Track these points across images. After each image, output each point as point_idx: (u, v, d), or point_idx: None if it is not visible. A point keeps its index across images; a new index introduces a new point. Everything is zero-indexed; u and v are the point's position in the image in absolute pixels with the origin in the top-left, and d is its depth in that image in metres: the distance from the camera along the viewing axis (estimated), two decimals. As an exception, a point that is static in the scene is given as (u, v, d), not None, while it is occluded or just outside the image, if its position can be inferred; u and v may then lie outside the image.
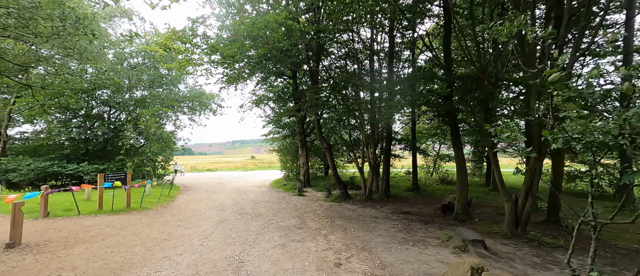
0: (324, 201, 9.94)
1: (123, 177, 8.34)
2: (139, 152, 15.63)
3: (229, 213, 8.05)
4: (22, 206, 4.53)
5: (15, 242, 4.44)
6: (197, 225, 6.53)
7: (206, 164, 47.47)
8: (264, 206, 9.28)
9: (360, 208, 8.48)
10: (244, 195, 12.44)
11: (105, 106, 14.73)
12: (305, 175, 14.89)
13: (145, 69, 15.68)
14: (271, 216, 7.50)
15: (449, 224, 6.14)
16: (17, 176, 11.41)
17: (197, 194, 13.02)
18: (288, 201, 10.21)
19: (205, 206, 9.65)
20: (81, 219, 6.82)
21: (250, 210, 8.48)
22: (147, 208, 8.75)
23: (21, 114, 12.83)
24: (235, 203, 10.18)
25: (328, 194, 11.18)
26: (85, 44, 10.26)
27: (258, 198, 11.33)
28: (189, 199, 11.33)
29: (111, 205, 8.07)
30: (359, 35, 9.59)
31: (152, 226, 6.37)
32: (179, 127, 19.03)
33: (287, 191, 13.97)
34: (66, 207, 7.66)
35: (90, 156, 14.31)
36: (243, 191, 13.87)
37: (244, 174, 26.04)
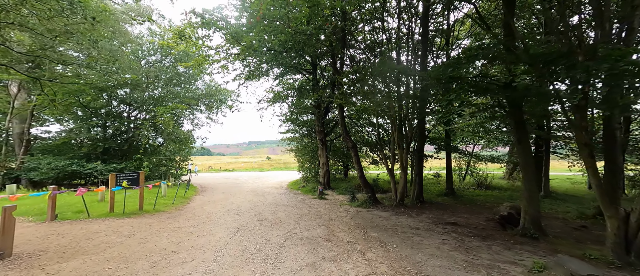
0: (349, 206, 8.92)
1: (135, 177, 7.80)
2: (157, 151, 15.42)
3: (246, 219, 7.25)
4: (13, 211, 3.92)
5: (5, 253, 3.82)
6: (211, 233, 5.75)
7: (223, 164, 47.92)
8: (284, 210, 8.42)
9: (393, 215, 7.38)
10: (261, 197, 11.70)
11: (125, 105, 14.63)
12: (325, 177, 13.93)
13: (163, 68, 15.48)
14: (293, 223, 6.59)
15: (516, 242, 4.92)
16: (38, 174, 11.39)
17: (214, 195, 12.46)
18: (309, 206, 9.29)
19: (221, 209, 8.96)
20: (89, 223, 6.28)
21: (270, 215, 7.64)
22: (161, 210, 8.18)
23: (43, 112, 12.91)
24: (253, 206, 9.41)
25: (352, 198, 10.14)
26: (104, 43, 10.06)
27: (276, 201, 10.52)
28: (205, 200, 10.74)
29: (123, 207, 7.53)
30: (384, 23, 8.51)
31: (162, 233, 5.67)
32: (197, 125, 18.78)
33: (307, 193, 13.08)
34: (77, 209, 7.21)
35: (110, 156, 14.23)
36: (260, 193, 13.16)
37: (261, 175, 25.55)
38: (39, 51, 5.24)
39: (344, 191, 12.94)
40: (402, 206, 8.40)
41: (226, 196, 12.27)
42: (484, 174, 13.50)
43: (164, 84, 15.17)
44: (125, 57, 13.47)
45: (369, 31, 9.92)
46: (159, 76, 14.64)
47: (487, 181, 12.58)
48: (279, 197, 11.72)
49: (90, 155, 13.41)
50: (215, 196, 12.29)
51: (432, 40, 9.37)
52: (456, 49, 10.36)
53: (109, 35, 10.72)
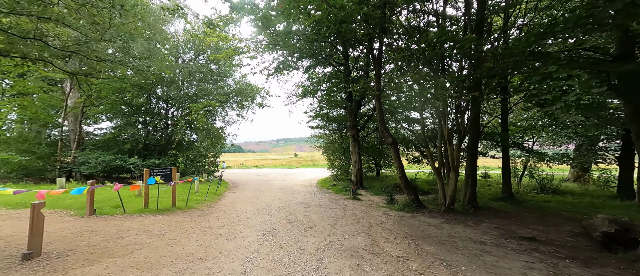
0: (388, 209, 7.95)
1: (168, 173, 7.72)
2: (191, 147, 15.82)
3: (277, 220, 6.71)
4: (42, 208, 3.72)
5: (34, 252, 3.63)
6: (240, 236, 5.27)
7: (253, 161, 49.25)
8: (317, 212, 7.75)
9: (445, 223, 6.27)
10: (291, 196, 11.22)
11: (162, 102, 15.20)
12: (358, 175, 13.03)
13: (197, 66, 15.79)
14: (329, 228, 5.87)
15: (636, 271, 3.62)
16: (87, 168, 12.22)
17: (244, 192, 12.31)
18: (343, 207, 8.51)
19: (251, 207, 8.60)
20: (124, 219, 6.21)
21: (302, 217, 7.02)
22: (193, 207, 8.03)
23: (92, 110, 13.87)
24: (283, 205, 8.91)
25: (390, 199, 9.14)
26: (142, 42, 10.37)
27: (307, 200, 9.92)
28: (236, 198, 10.54)
29: (157, 203, 7.48)
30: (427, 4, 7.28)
31: (191, 234, 5.33)
32: (228, 122, 19.04)
33: (338, 192, 12.32)
34: (115, 204, 7.28)
35: (150, 151, 14.89)
36: (290, 191, 12.71)
37: (289, 172, 25.40)
38: (73, 46, 5.20)
39: (379, 192, 11.93)
40: (452, 212, 7.21)
41: (256, 193, 12.03)
42: (548, 175, 11.48)
43: (197, 82, 15.45)
44: (162, 55, 13.93)
45: (410, 13, 8.77)
46: (193, 73, 14.92)
47: (553, 185, 10.63)
48: (310, 196, 11.13)
49: (133, 151, 14.12)
50: (245, 192, 12.12)
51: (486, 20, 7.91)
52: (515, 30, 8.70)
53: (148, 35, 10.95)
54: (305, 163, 43.83)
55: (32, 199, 7.19)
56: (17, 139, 11.82)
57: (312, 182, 17.22)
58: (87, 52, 5.57)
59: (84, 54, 5.62)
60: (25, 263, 3.51)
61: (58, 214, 6.26)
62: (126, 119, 14.35)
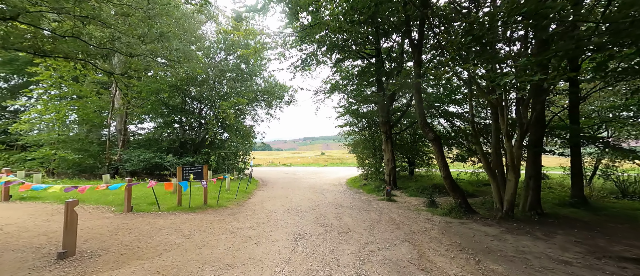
0: (430, 214, 7.06)
1: (199, 171, 7.71)
2: (223, 146, 16.21)
3: (307, 222, 6.26)
4: (75, 206, 3.66)
5: (68, 252, 3.58)
6: (270, 240, 4.89)
7: (282, 159, 50.07)
8: (350, 214, 7.15)
9: (506, 233, 5.26)
10: (320, 195, 10.76)
11: (196, 102, 15.76)
12: (391, 175, 12.13)
13: (228, 66, 16.11)
14: (366, 234, 5.24)
15: None
16: (130, 165, 13.05)
17: (273, 190, 12.16)
18: (378, 209, 7.80)
19: (280, 206, 8.30)
20: (157, 217, 6.24)
21: (334, 220, 6.48)
22: (223, 206, 7.95)
23: (135, 110, 14.83)
24: (313, 205, 8.47)
25: (430, 202, 8.19)
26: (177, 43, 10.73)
27: (338, 201, 9.37)
28: (265, 196, 10.38)
29: (189, 201, 7.50)
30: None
31: (220, 235, 5.09)
32: (257, 121, 19.24)
33: (370, 193, 11.58)
34: (152, 201, 7.43)
35: (185, 149, 15.52)
36: (319, 190, 12.27)
37: (317, 170, 25.09)
38: (109, 43, 5.28)
39: (416, 193, 10.94)
40: (511, 219, 6.10)
41: (285, 191, 11.80)
42: (629, 177, 9.48)
43: (227, 81, 15.75)
44: (196, 57, 14.42)
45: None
46: (224, 71, 15.23)
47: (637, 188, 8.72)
48: (340, 196, 10.56)
49: (170, 149, 14.83)
50: (275, 191, 11.96)
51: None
52: None
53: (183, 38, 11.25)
54: (333, 161, 43.39)
55: (80, 194, 7.65)
56: (73, 138, 13.04)
57: (341, 181, 16.66)
58: (119, 48, 5.65)
59: (118, 50, 5.71)
60: (59, 263, 3.46)
61: (100, 210, 6.50)
62: (164, 118, 15.11)
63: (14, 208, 6.30)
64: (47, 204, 6.79)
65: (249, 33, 11.18)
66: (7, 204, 6.52)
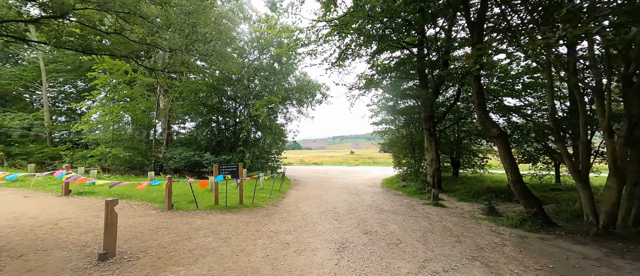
0: (494, 224, 5.96)
1: (234, 169, 7.58)
2: (256, 144, 16.38)
3: (348, 228, 5.67)
4: (115, 205, 3.53)
5: (108, 253, 3.47)
6: (310, 249, 4.40)
7: (311, 158, 50.19)
8: (394, 220, 6.38)
9: (614, 257, 4.07)
10: (356, 197, 10.09)
11: (231, 101, 16.14)
12: (435, 176, 10.95)
13: (261, 66, 16.24)
14: (421, 247, 4.47)
15: None
16: (173, 163, 13.75)
17: (306, 190, 11.80)
18: (426, 216, 6.89)
19: (316, 208, 7.84)
20: (195, 216, 6.16)
21: (378, 227, 5.78)
22: (258, 205, 7.73)
23: (177, 111, 15.66)
24: (351, 208, 7.85)
25: (490, 209, 7.03)
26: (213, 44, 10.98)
27: (377, 204, 8.61)
28: (299, 196, 10.04)
29: (225, 200, 7.40)
30: None
31: (257, 240, 4.74)
32: (289, 119, 19.15)
33: (411, 195, 10.59)
34: (191, 199, 7.47)
35: (222, 148, 15.97)
36: (354, 191, 11.60)
37: (348, 170, 24.32)
38: (148, 37, 5.31)
39: (467, 197, 9.68)
40: (610, 237, 4.79)
41: (319, 191, 11.36)
42: None
43: (260, 80, 15.84)
44: (232, 59, 14.73)
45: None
46: (258, 70, 15.33)
47: None
48: (378, 198, 9.78)
49: (208, 147, 15.37)
50: (308, 191, 11.59)
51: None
52: None
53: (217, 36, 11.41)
54: (363, 160, 42.26)
55: (127, 190, 8.02)
56: (125, 137, 14.17)
57: (375, 181, 15.77)
58: (160, 43, 5.69)
59: (157, 45, 5.74)
60: (99, 265, 3.35)
61: (144, 207, 6.66)
62: (203, 117, 15.69)
63: (72, 202, 6.74)
64: (99, 199, 7.18)
65: (283, 30, 10.94)
66: (67, 199, 7.02)
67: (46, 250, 3.71)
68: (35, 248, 3.76)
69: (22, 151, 14.42)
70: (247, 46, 16.13)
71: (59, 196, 7.18)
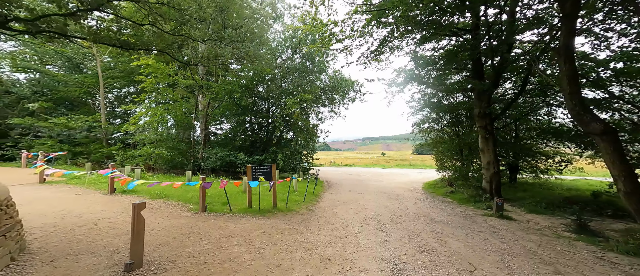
0: (595, 247, 4.57)
1: (268, 170, 7.14)
2: (289, 144, 16.10)
3: (398, 242, 4.77)
4: (143, 209, 3.17)
5: (135, 263, 3.11)
6: (357, 268, 3.64)
7: (342, 159, 49.25)
8: (453, 235, 5.30)
9: None
10: (398, 203, 9.05)
11: (264, 101, 16.09)
12: (493, 182, 9.38)
13: (295, 65, 15.99)
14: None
15: None
16: (210, 163, 14.05)
17: (341, 193, 11.05)
18: (493, 230, 5.65)
19: (354, 215, 7.04)
20: (228, 220, 5.80)
21: (436, 243, 4.79)
22: (292, 209, 7.19)
23: (214, 112, 16.09)
24: (395, 217, 6.90)
25: (580, 227, 5.53)
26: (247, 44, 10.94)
27: (425, 212, 7.51)
28: (334, 200, 9.33)
29: (259, 203, 6.98)
30: None
31: (294, 253, 4.12)
32: (321, 119, 18.57)
33: (464, 203, 9.22)
34: (225, 200, 7.21)
35: (255, 148, 15.99)
36: (394, 196, 10.53)
37: (382, 172, 22.92)
38: (180, 26, 5.09)
39: (539, 208, 8.05)
40: None
41: (354, 195, 10.53)
42: None
43: (293, 79, 15.55)
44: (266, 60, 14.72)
45: None
46: (291, 69, 15.07)
47: None
48: (424, 205, 8.63)
49: (242, 147, 15.49)
50: (342, 194, 10.83)
51: None
52: None
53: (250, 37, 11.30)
54: (396, 162, 40.12)
55: (165, 190, 8.07)
56: (167, 138, 14.90)
57: (415, 185, 14.42)
58: (193, 34, 5.49)
59: (190, 36, 5.53)
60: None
61: (179, 208, 6.53)
62: (237, 118, 15.87)
63: (115, 201, 6.89)
64: (140, 198, 7.28)
65: (317, 26, 10.38)
66: (111, 197, 7.24)
67: (78, 254, 3.52)
68: (69, 252, 3.60)
69: (83, 150, 16.03)
70: (280, 45, 15.96)
71: (105, 194, 7.44)
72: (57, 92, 17.60)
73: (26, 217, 5.06)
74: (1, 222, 2.95)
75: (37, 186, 8.11)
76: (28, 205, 5.89)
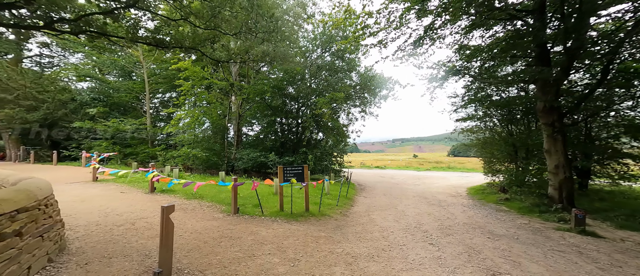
0: None
1: (300, 171, 6.73)
2: (319, 145, 15.71)
3: (455, 260, 3.98)
4: (172, 212, 2.90)
5: (164, 271, 2.84)
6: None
7: (372, 161, 47.68)
8: (526, 254, 4.32)
9: None
10: (442, 210, 8.06)
11: (293, 101, 15.94)
12: (564, 188, 7.88)
13: (324, 65, 15.62)
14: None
15: None
16: (242, 163, 14.23)
17: (375, 197, 10.29)
18: (582, 252, 4.51)
19: (394, 222, 6.32)
20: (260, 224, 5.49)
21: (507, 265, 3.89)
22: (326, 214, 6.69)
23: (246, 113, 16.38)
24: (443, 226, 6.01)
25: None
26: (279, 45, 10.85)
27: (479, 223, 6.47)
28: (369, 205, 8.64)
29: (291, 206, 6.60)
30: None
31: (333, 268, 3.60)
32: (351, 120, 17.85)
33: (524, 213, 7.92)
34: (257, 202, 6.97)
35: (286, 149, 15.90)
36: (436, 201, 9.49)
37: (418, 175, 21.36)
38: (211, 20, 4.94)
39: (634, 223, 6.45)
40: None
41: (391, 200, 9.70)
42: None
43: (323, 78, 15.17)
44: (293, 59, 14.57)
45: None
46: (321, 67, 14.70)
47: None
48: (475, 214, 7.52)
49: (273, 148, 15.49)
50: (377, 198, 10.06)
51: None
52: None
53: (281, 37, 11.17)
54: (430, 165, 37.61)
55: (200, 190, 8.13)
56: (203, 139, 15.52)
57: (458, 190, 13.06)
58: (225, 28, 5.33)
59: (221, 30, 5.38)
60: (152, 287, 2.73)
61: (212, 209, 6.42)
62: (268, 119, 15.92)
63: (154, 200, 7.05)
64: (176, 199, 7.39)
65: (348, 17, 9.84)
66: (151, 196, 7.45)
67: (111, 257, 3.41)
68: (103, 254, 3.52)
69: (132, 151, 17.45)
70: (312, 43, 15.68)
71: (146, 193, 7.70)
72: (111, 98, 19.49)
73: (75, 214, 5.29)
74: (39, 222, 2.89)
75: (90, 184, 8.77)
76: (81, 203, 6.23)
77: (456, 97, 12.56)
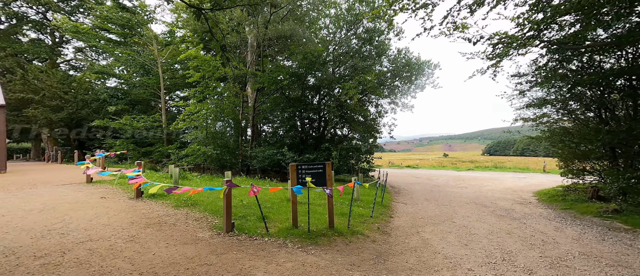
0: None
1: (320, 171, 4.73)
2: (346, 140, 13.64)
3: None
4: None
5: None
6: None
7: (399, 160, 44.33)
8: None
9: None
10: (524, 226, 5.65)
11: (314, 92, 14.02)
12: None
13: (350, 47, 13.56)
14: None
15: None
16: (257, 162, 12.66)
17: (417, 204, 8.06)
18: None
19: (462, 247, 4.12)
20: (259, 251, 3.62)
21: None
22: (357, 231, 4.67)
23: (261, 108, 14.82)
24: (546, 257, 3.66)
25: None
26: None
27: (602, 251, 3.99)
28: (414, 215, 6.46)
29: (308, 220, 4.62)
30: None
31: None
32: (380, 112, 15.45)
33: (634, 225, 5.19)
34: (263, 212, 5.13)
35: (306, 146, 14.04)
36: (503, 212, 7.01)
37: (459, 175, 18.31)
38: None
39: None
40: None
41: (440, 208, 7.39)
42: None
43: (350, 64, 13.07)
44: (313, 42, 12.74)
45: None
46: (346, 55, 12.62)
47: None
48: (579, 233, 5.03)
49: (292, 145, 13.73)
50: (421, 205, 7.81)
51: None
52: None
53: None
54: (464, 164, 33.71)
55: (194, 196, 6.52)
56: (215, 135, 14.18)
57: (521, 195, 10.49)
58: None
59: None
60: None
61: (200, 223, 4.71)
62: (286, 112, 14.15)
63: (134, 209, 5.55)
64: (162, 207, 5.83)
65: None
66: (133, 203, 5.95)
67: None
68: None
69: (148, 150, 16.80)
70: (333, 24, 13.62)
71: (130, 199, 6.26)
72: (129, 95, 19.17)
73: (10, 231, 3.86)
74: None
75: (78, 187, 7.63)
76: (36, 213, 4.87)
77: (521, 76, 9.69)
